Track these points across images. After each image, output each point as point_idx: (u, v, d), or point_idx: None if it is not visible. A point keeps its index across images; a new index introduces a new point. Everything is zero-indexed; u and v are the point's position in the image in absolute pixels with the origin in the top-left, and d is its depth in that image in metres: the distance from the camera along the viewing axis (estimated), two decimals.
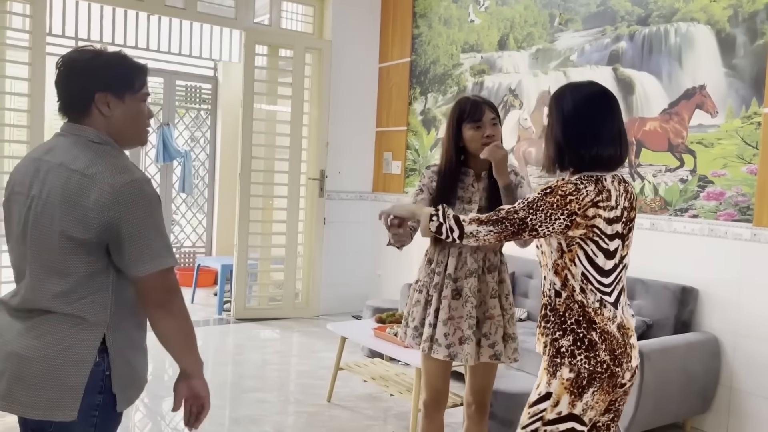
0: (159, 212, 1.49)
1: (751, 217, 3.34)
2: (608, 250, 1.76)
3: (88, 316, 1.47)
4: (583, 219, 1.71)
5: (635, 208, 1.86)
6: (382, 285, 5.87)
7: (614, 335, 1.76)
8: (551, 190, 1.73)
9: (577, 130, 1.77)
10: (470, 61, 5.07)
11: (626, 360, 1.77)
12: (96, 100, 1.50)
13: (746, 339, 3.35)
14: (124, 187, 1.42)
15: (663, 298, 3.49)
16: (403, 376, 3.60)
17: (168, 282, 1.49)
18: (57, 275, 1.45)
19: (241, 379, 4.12)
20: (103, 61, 1.52)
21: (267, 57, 5.65)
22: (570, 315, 1.76)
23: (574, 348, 1.74)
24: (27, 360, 1.45)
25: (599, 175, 1.77)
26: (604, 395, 1.75)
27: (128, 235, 1.43)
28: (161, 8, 5.15)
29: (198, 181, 7.30)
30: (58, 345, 1.45)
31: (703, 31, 3.57)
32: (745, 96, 3.39)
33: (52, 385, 1.44)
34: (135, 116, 1.57)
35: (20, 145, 4.68)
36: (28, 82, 4.52)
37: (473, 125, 2.35)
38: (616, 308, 1.80)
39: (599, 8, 4.14)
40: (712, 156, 3.51)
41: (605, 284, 1.77)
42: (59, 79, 1.53)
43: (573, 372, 1.74)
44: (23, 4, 4.64)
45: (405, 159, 5.71)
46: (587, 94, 1.81)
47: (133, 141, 1.63)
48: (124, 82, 1.53)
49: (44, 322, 1.47)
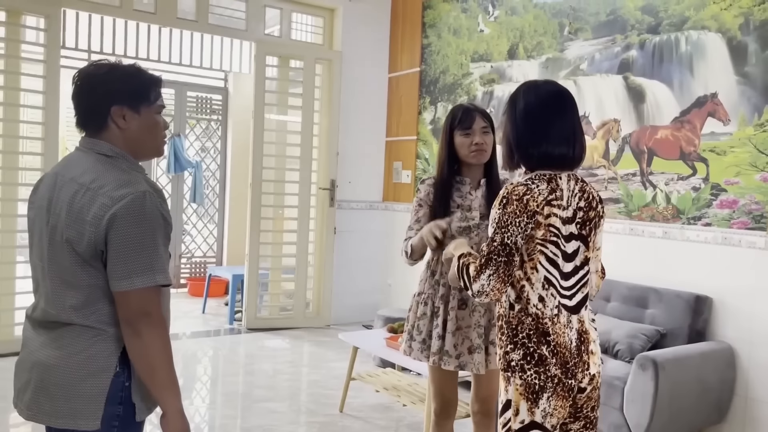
0: (152, 229, 1.46)
1: (765, 225, 3.32)
2: (566, 252, 1.75)
3: (107, 327, 1.49)
4: (542, 218, 1.70)
5: (595, 208, 1.81)
6: (392, 294, 5.87)
7: (567, 346, 1.74)
8: (506, 200, 1.71)
9: (526, 129, 1.77)
10: (480, 70, 5.09)
11: (581, 369, 1.76)
12: (112, 113, 1.52)
13: (761, 348, 3.32)
14: (121, 201, 1.43)
15: (677, 307, 3.47)
16: (416, 386, 3.59)
17: (139, 303, 1.45)
18: (71, 288, 1.48)
19: (253, 389, 4.12)
20: (118, 75, 1.54)
21: (277, 68, 5.68)
22: (522, 329, 1.74)
23: (524, 362, 1.73)
24: (50, 369, 1.48)
25: (552, 173, 1.76)
26: (561, 401, 1.73)
27: (112, 249, 1.43)
28: (173, 21, 5.20)
29: (209, 191, 7.34)
30: (79, 355, 1.48)
31: (714, 39, 3.56)
32: (757, 104, 3.37)
33: (74, 395, 1.46)
34: (151, 128, 1.59)
35: (34, 157, 4.73)
36: (42, 95, 4.57)
37: (463, 132, 2.38)
38: (576, 313, 1.78)
39: (609, 17, 4.14)
40: (725, 164, 3.50)
41: (566, 287, 1.76)
42: (76, 93, 1.55)
43: (523, 380, 1.74)
44: (37, 17, 4.70)
45: (415, 168, 5.72)
46: (540, 93, 1.80)
47: (150, 153, 1.65)
48: (140, 95, 1.55)
49: (65, 334, 1.49)
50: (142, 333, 1.46)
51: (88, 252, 1.46)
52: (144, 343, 1.46)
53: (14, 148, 4.55)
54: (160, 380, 1.48)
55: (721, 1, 3.54)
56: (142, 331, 1.46)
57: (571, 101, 1.81)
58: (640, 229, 3.87)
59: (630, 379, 3.08)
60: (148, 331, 1.46)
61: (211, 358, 4.95)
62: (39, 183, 1.61)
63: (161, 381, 1.49)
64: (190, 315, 6.06)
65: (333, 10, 5.82)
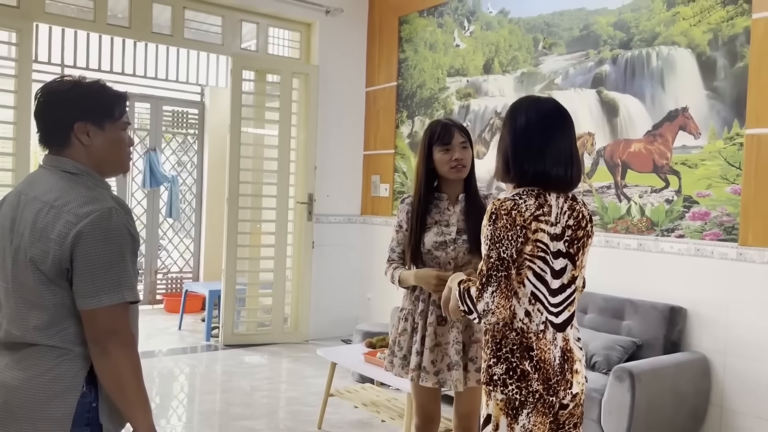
0: (119, 245, 1.44)
1: (737, 237, 3.38)
2: (554, 268, 1.75)
3: (73, 346, 1.46)
4: (530, 233, 1.70)
5: (584, 228, 1.80)
6: (371, 309, 5.85)
7: (551, 363, 1.74)
8: (496, 216, 1.70)
9: (524, 144, 1.76)
10: (456, 84, 5.13)
11: (564, 388, 1.75)
12: (75, 129, 1.50)
13: (735, 358, 3.36)
14: (87, 217, 1.41)
15: (652, 318, 3.50)
16: (395, 401, 3.57)
17: (107, 321, 1.42)
18: (35, 308, 1.45)
19: (230, 407, 4.07)
20: (82, 91, 1.52)
21: (254, 82, 5.67)
22: (505, 343, 1.74)
23: (506, 377, 1.73)
24: (14, 391, 1.45)
25: (540, 190, 1.75)
26: (541, 417, 1.73)
27: (78, 266, 1.41)
28: (148, 35, 5.16)
29: (185, 206, 7.27)
30: (44, 376, 1.44)
31: (684, 55, 3.64)
32: (726, 117, 3.44)
33: (40, 417, 1.43)
34: (116, 144, 1.56)
35: (5, 173, 4.65)
36: (13, 110, 4.50)
37: (442, 148, 2.38)
38: (562, 331, 1.78)
39: (582, 32, 4.21)
40: (697, 177, 3.56)
41: (553, 304, 1.75)
42: (39, 110, 1.52)
43: (505, 395, 1.73)
44: (9, 32, 4.63)
45: (393, 182, 5.73)
46: (542, 110, 1.80)
47: (116, 169, 1.62)
48: (104, 111, 1.53)
49: (30, 355, 1.46)
50: (110, 351, 1.43)
51: (53, 271, 1.43)
52: (112, 362, 1.43)
53: None
54: (130, 399, 1.45)
55: (690, 18, 3.62)
56: (110, 350, 1.43)
57: (570, 121, 1.81)
58: (615, 241, 3.92)
59: (607, 390, 3.10)
60: (116, 350, 1.43)
61: (187, 375, 4.87)
62: (2, 202, 1.58)
63: (131, 399, 1.45)
64: (166, 332, 5.97)
65: (310, 25, 5.84)
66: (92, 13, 4.90)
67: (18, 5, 4.55)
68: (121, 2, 5.15)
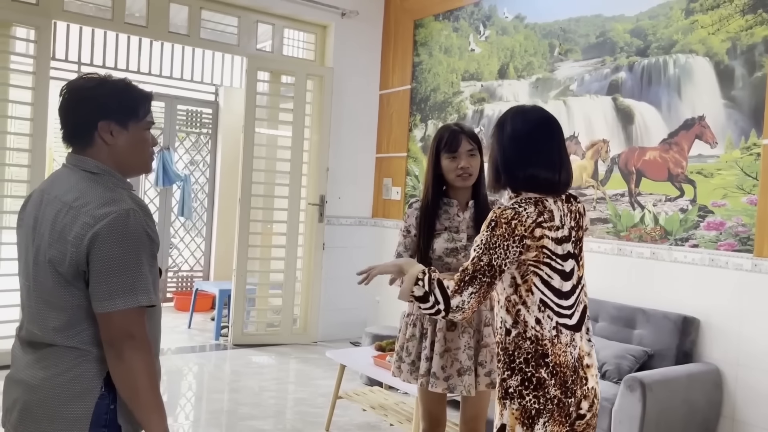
0: (135, 248, 1.42)
1: (752, 248, 3.35)
2: (563, 271, 1.75)
3: (90, 348, 1.46)
4: (532, 240, 1.71)
5: (582, 226, 1.85)
6: (381, 311, 5.84)
7: (568, 365, 1.73)
8: (495, 223, 1.71)
9: (513, 152, 1.79)
10: (470, 89, 5.12)
11: (580, 386, 1.76)
12: (99, 128, 1.48)
13: (748, 370, 3.32)
14: (104, 219, 1.39)
15: (664, 328, 3.47)
16: (403, 405, 3.57)
17: (121, 325, 1.41)
18: (54, 309, 1.45)
19: (238, 407, 4.07)
20: (107, 89, 1.50)
21: (269, 83, 5.69)
22: (519, 353, 1.74)
23: (522, 388, 1.72)
24: (34, 390, 1.45)
25: (538, 196, 1.77)
26: (557, 426, 1.72)
27: (94, 269, 1.40)
28: (165, 34, 5.19)
29: (197, 205, 7.30)
30: (62, 377, 1.44)
31: (702, 63, 3.61)
32: (744, 127, 3.41)
33: (58, 417, 1.43)
34: (139, 144, 1.55)
35: (21, 169, 4.69)
36: (30, 106, 4.54)
37: (449, 155, 2.37)
38: (577, 331, 1.78)
39: (598, 39, 4.19)
40: (712, 186, 3.53)
41: (565, 306, 1.76)
42: (63, 107, 1.51)
43: (521, 405, 1.72)
44: (27, 29, 4.68)
45: (405, 185, 5.72)
46: (528, 118, 1.84)
47: (138, 169, 1.61)
48: (129, 111, 1.51)
49: (49, 355, 1.46)
50: (124, 356, 1.41)
51: (70, 272, 1.42)
52: (127, 366, 1.42)
53: (0, 160, 4.51)
54: (143, 403, 1.44)
55: (708, 26, 3.60)
56: (124, 354, 1.41)
57: (558, 127, 1.84)
58: (628, 250, 3.89)
59: (618, 400, 3.07)
60: (131, 355, 1.42)
61: (196, 374, 4.89)
62: (27, 200, 1.58)
63: (145, 403, 1.44)
64: (176, 330, 5.99)
65: (325, 27, 5.85)
66: (110, 11, 4.94)
67: (37, 3, 4.59)
68: (139, 1, 5.19)
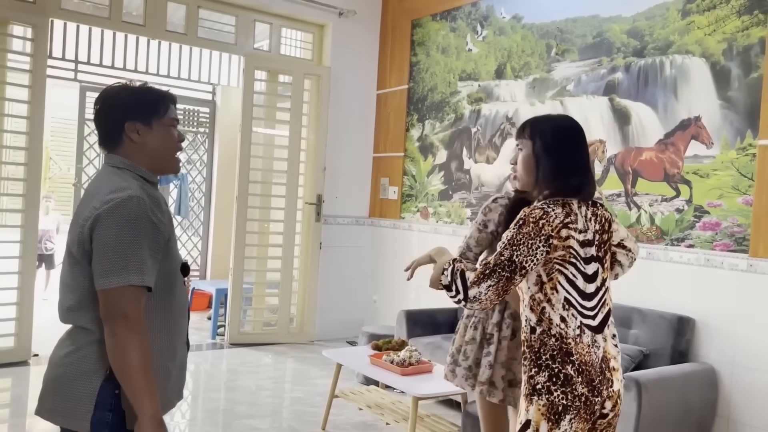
0: (133, 231, 1.48)
1: (747, 248, 3.36)
2: (586, 273, 1.79)
3: (97, 329, 1.53)
4: (559, 240, 1.75)
5: (608, 231, 1.88)
6: (378, 311, 5.84)
7: (593, 364, 1.76)
8: (523, 221, 1.76)
9: (550, 160, 1.86)
10: (468, 89, 5.12)
11: (606, 386, 1.78)
12: (126, 128, 1.62)
13: (743, 370, 3.34)
14: (110, 203, 1.49)
15: (659, 328, 3.48)
16: (399, 404, 3.57)
17: (115, 303, 1.47)
18: (69, 290, 1.57)
19: (234, 405, 4.07)
20: (129, 93, 1.65)
21: (266, 82, 5.69)
22: (545, 350, 1.76)
23: (550, 384, 1.74)
24: (52, 368, 1.58)
25: (565, 199, 1.82)
26: (582, 423, 1.74)
27: (94, 248, 1.49)
28: (162, 33, 5.19)
29: (194, 204, 7.30)
30: (74, 355, 1.55)
31: (698, 64, 3.62)
32: (739, 128, 3.42)
33: (68, 395, 1.53)
34: (165, 140, 1.67)
35: (17, 167, 4.68)
36: (27, 104, 4.53)
37: None
38: (600, 332, 1.80)
39: (595, 39, 4.20)
40: (708, 186, 3.54)
41: (588, 308, 1.79)
42: (96, 115, 1.67)
43: (549, 400, 1.74)
44: (24, 27, 4.67)
45: (402, 185, 5.73)
46: (564, 125, 1.93)
47: (166, 163, 1.70)
48: (150, 109, 1.64)
49: (68, 335, 1.60)
50: (117, 333, 1.47)
51: (79, 252, 1.53)
52: (119, 344, 1.47)
53: None
54: (134, 383, 1.47)
55: (705, 27, 3.61)
56: (118, 332, 1.47)
57: (584, 134, 1.94)
58: None
59: None
60: (123, 333, 1.46)
61: (192, 373, 4.88)
62: None
63: (136, 384, 1.47)
64: None
65: (323, 26, 5.85)
66: (107, 10, 4.93)
67: (34, 1, 4.58)
68: (136, 0, 5.18)
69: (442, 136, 5.34)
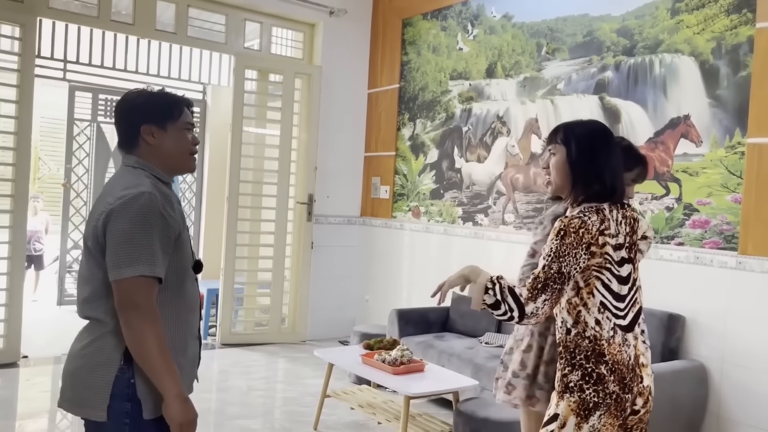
0: (144, 224, 1.55)
1: (737, 246, 3.38)
2: (620, 276, 1.84)
3: (110, 319, 1.59)
4: (597, 248, 1.80)
5: (636, 231, 1.92)
6: (369, 310, 5.84)
7: (625, 363, 1.81)
8: (564, 232, 1.79)
9: (590, 165, 1.89)
10: (458, 88, 5.13)
11: (637, 383, 1.83)
12: (142, 131, 1.70)
13: (733, 367, 3.36)
14: (122, 198, 1.56)
15: (650, 326, 3.49)
16: (391, 403, 3.57)
17: (127, 293, 1.53)
18: (85, 283, 1.63)
19: (226, 406, 4.06)
20: (144, 98, 1.73)
21: (257, 81, 5.67)
22: (579, 351, 1.82)
23: (583, 382, 1.80)
24: (71, 360, 1.64)
25: (598, 205, 1.86)
26: (612, 419, 1.79)
27: (108, 241, 1.56)
28: (152, 32, 5.16)
29: (185, 204, 7.26)
30: (90, 347, 1.60)
31: (687, 63, 3.64)
32: (728, 126, 3.45)
33: (84, 385, 1.59)
34: (178, 142, 1.73)
35: (5, 167, 4.64)
36: (15, 104, 4.50)
37: None
38: (631, 331, 1.85)
39: (585, 38, 4.21)
40: (697, 184, 3.56)
41: (620, 308, 1.84)
42: (115, 119, 1.75)
43: (580, 397, 1.80)
44: (12, 26, 4.63)
45: (393, 184, 5.73)
46: (597, 130, 1.94)
47: (180, 163, 1.77)
48: (164, 113, 1.72)
49: (85, 327, 1.66)
50: (132, 323, 1.53)
51: (94, 245, 1.60)
52: (136, 334, 1.53)
53: None
54: (155, 367, 1.54)
55: (694, 26, 3.63)
56: (132, 322, 1.53)
57: (614, 138, 1.96)
58: None
59: None
60: (137, 323, 1.53)
61: None
62: None
63: (157, 368, 1.54)
64: None
65: (314, 25, 5.84)
66: (96, 9, 4.90)
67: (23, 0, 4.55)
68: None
69: (433, 135, 5.34)
